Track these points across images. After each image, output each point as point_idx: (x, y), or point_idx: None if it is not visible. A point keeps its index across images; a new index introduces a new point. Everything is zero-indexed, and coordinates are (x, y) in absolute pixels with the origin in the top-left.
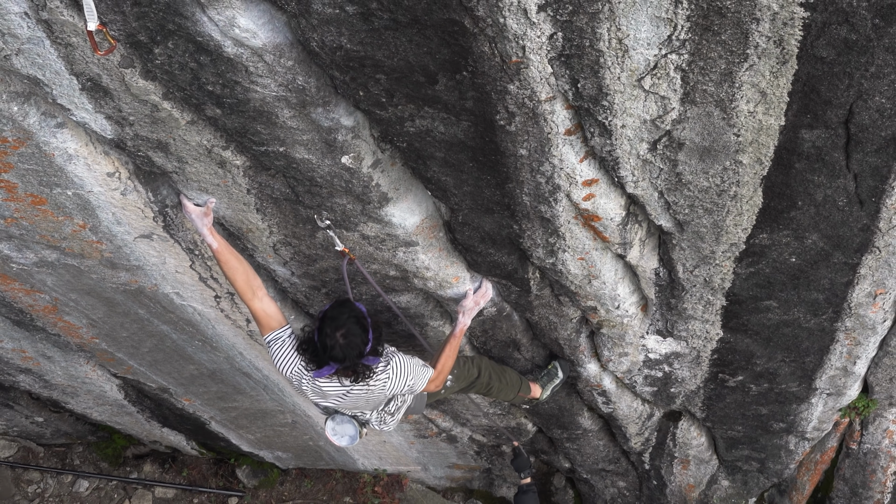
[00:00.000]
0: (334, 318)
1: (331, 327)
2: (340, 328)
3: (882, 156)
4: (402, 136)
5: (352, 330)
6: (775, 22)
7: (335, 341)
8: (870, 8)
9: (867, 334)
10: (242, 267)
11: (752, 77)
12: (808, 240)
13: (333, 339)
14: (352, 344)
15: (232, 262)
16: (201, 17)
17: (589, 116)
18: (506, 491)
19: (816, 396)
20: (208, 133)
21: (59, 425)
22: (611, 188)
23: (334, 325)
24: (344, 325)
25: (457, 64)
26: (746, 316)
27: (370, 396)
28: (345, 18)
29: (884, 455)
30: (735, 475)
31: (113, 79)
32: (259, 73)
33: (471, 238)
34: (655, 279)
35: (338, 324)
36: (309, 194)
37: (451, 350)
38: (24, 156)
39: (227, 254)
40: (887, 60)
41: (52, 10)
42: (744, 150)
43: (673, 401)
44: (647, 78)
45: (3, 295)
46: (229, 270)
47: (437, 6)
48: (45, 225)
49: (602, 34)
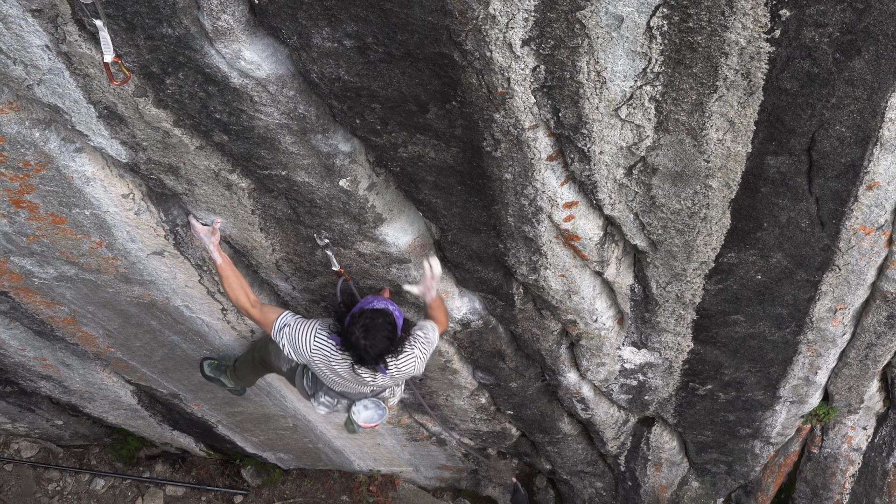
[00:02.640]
0: (366, 327)
1: (363, 335)
2: (370, 335)
3: (842, 181)
4: (395, 161)
5: (380, 335)
6: (743, 56)
7: (365, 350)
8: (831, 43)
9: (828, 347)
10: (239, 281)
11: (721, 107)
12: (772, 259)
13: (363, 348)
14: (381, 348)
15: (231, 279)
16: (209, 50)
17: (569, 143)
18: (491, 490)
19: (780, 404)
20: (216, 158)
21: (77, 428)
22: (589, 210)
23: (365, 333)
24: (374, 332)
25: (446, 94)
26: (715, 329)
27: (399, 377)
28: (343, 52)
29: (843, 459)
30: (704, 477)
31: (127, 107)
32: (263, 102)
33: (459, 256)
34: (631, 294)
35: (369, 332)
36: (309, 215)
37: (439, 304)
38: (45, 178)
39: (229, 270)
40: (847, 92)
41: (72, 43)
42: (713, 175)
43: (647, 408)
44: (624, 108)
45: (26, 307)
46: (228, 286)
47: (428, 41)
48: (64, 242)
49: (582, 67)
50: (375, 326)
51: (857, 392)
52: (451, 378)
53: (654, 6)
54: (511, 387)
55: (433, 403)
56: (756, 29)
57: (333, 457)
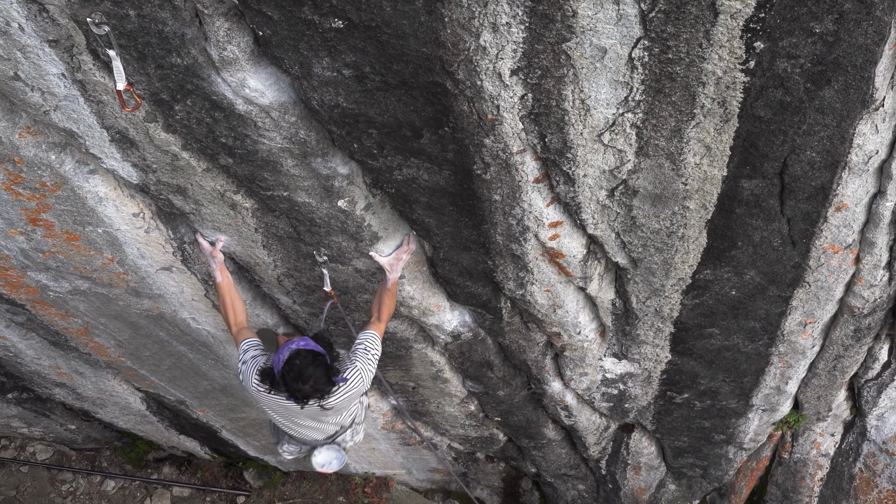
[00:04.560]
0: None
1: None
2: (304, 377)
3: (812, 203)
4: (390, 182)
5: (313, 370)
6: (719, 85)
7: (304, 391)
8: (802, 74)
9: (798, 358)
10: (233, 303)
11: (698, 133)
12: (746, 275)
13: (305, 391)
14: (322, 381)
15: (226, 299)
16: (216, 78)
17: (555, 167)
18: (480, 492)
19: (753, 412)
20: (221, 179)
21: (90, 432)
22: (574, 229)
23: (300, 377)
24: (305, 371)
25: (439, 120)
26: (692, 341)
27: (352, 394)
28: (342, 81)
29: (812, 463)
30: (681, 480)
31: (138, 132)
32: (266, 127)
33: (450, 272)
34: (612, 309)
35: (303, 374)
36: (309, 233)
37: (390, 300)
38: (60, 198)
39: (226, 290)
40: (817, 119)
41: (86, 71)
42: (691, 197)
43: (627, 415)
44: (607, 133)
45: (42, 319)
46: (221, 303)
47: (422, 70)
48: (78, 258)
49: (567, 95)
50: (304, 367)
51: (826, 401)
52: (443, 387)
53: (635, 38)
54: (499, 395)
55: (426, 410)
56: (732, 60)
57: None
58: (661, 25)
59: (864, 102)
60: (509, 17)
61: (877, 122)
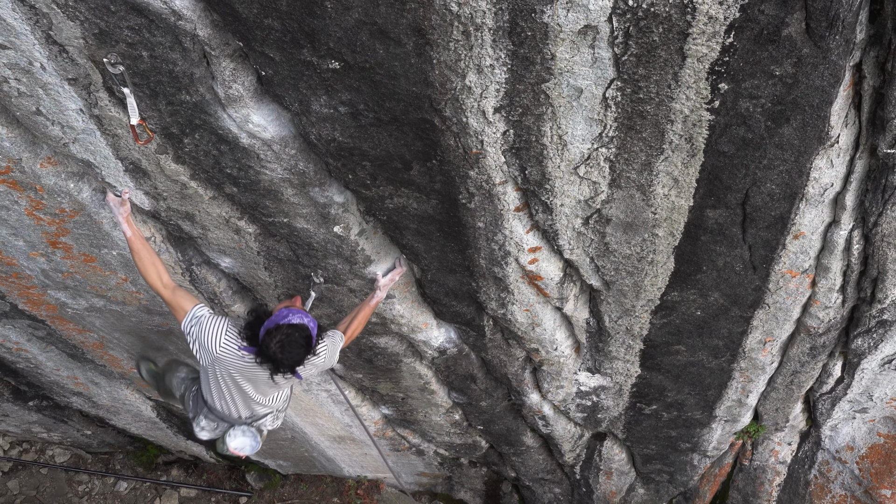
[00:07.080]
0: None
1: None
2: (287, 350)
3: (772, 231)
4: (382, 210)
5: (296, 349)
6: (686, 123)
7: (281, 362)
8: (763, 113)
9: (758, 373)
10: (151, 258)
11: (667, 167)
12: (710, 297)
13: (279, 361)
14: (297, 360)
15: (142, 253)
16: (222, 114)
17: (534, 197)
18: (463, 494)
19: (716, 422)
20: (227, 206)
21: (104, 437)
22: (551, 254)
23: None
24: (291, 347)
25: (428, 154)
26: (660, 357)
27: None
28: (338, 117)
29: (770, 470)
30: (649, 484)
31: (150, 163)
32: (268, 159)
33: (437, 292)
34: (587, 327)
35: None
36: (307, 256)
37: (364, 317)
38: (78, 223)
39: (139, 244)
40: (777, 155)
41: (102, 107)
42: (659, 225)
43: (599, 424)
44: (582, 167)
45: (60, 333)
46: (139, 261)
47: (412, 108)
48: (94, 278)
49: (546, 131)
50: (292, 342)
51: (784, 412)
52: (430, 398)
53: (609, 79)
54: (481, 405)
55: (414, 419)
56: (698, 100)
57: (326, 464)
58: (633, 68)
59: (820, 139)
60: (493, 60)
61: (832, 157)
